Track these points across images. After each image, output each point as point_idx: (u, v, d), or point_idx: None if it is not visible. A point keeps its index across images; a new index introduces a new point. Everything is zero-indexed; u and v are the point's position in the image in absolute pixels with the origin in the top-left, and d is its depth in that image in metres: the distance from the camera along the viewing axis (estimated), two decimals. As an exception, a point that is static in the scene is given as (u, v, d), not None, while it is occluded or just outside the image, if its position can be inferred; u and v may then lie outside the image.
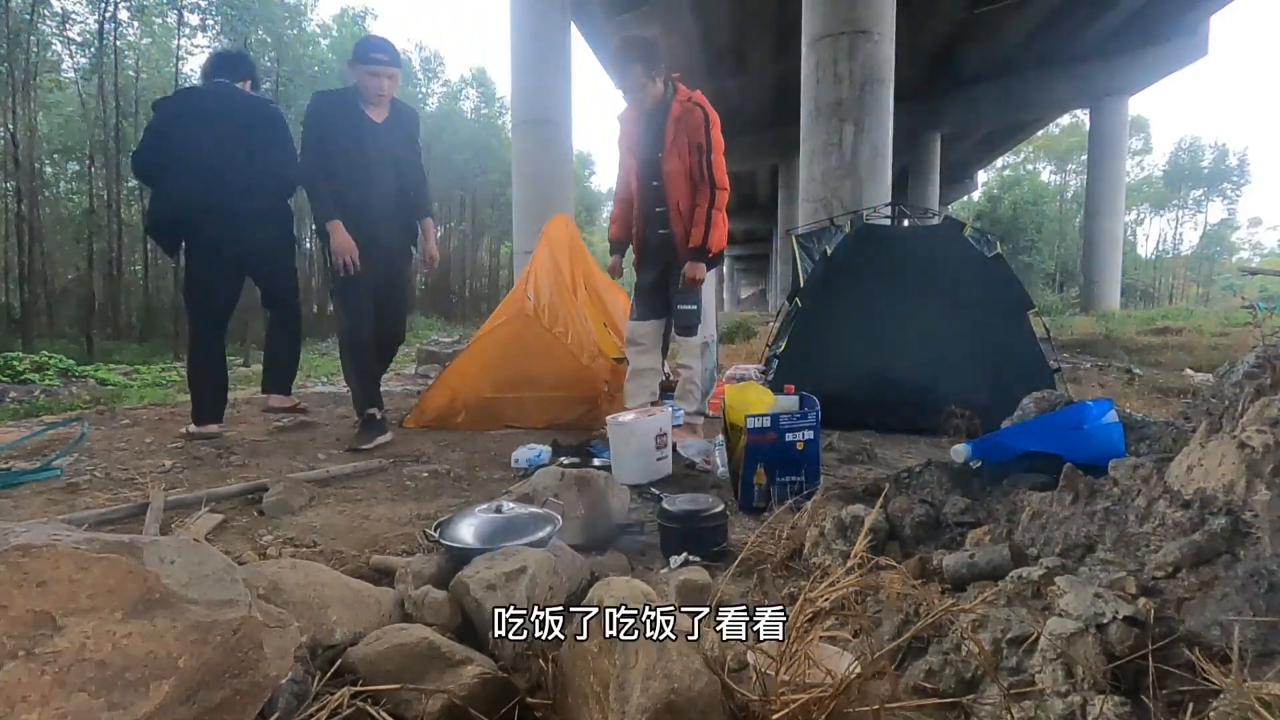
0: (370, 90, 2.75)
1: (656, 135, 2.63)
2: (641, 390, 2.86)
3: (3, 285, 12.11)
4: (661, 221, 2.71)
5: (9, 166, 10.71)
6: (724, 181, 2.63)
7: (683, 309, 2.71)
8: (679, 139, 2.59)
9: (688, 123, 2.58)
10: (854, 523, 1.34)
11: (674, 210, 2.66)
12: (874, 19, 5.89)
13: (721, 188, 2.61)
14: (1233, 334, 8.45)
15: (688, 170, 2.60)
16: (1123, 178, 16.40)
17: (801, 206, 6.32)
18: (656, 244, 2.76)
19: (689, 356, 2.79)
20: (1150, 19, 13.67)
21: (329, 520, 1.78)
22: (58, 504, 1.91)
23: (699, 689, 0.75)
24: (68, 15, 12.01)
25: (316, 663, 0.91)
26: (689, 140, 2.58)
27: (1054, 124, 29.55)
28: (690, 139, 2.58)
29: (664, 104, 2.62)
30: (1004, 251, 3.39)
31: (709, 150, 2.59)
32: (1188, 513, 0.95)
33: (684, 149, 2.59)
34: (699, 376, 2.82)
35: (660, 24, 13.58)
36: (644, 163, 2.69)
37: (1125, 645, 0.77)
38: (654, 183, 2.67)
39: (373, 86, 2.74)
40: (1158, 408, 3.28)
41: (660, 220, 2.71)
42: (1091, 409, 1.45)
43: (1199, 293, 37.01)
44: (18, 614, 0.56)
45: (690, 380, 2.81)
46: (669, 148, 2.60)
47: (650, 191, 2.70)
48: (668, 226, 2.70)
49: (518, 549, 1.18)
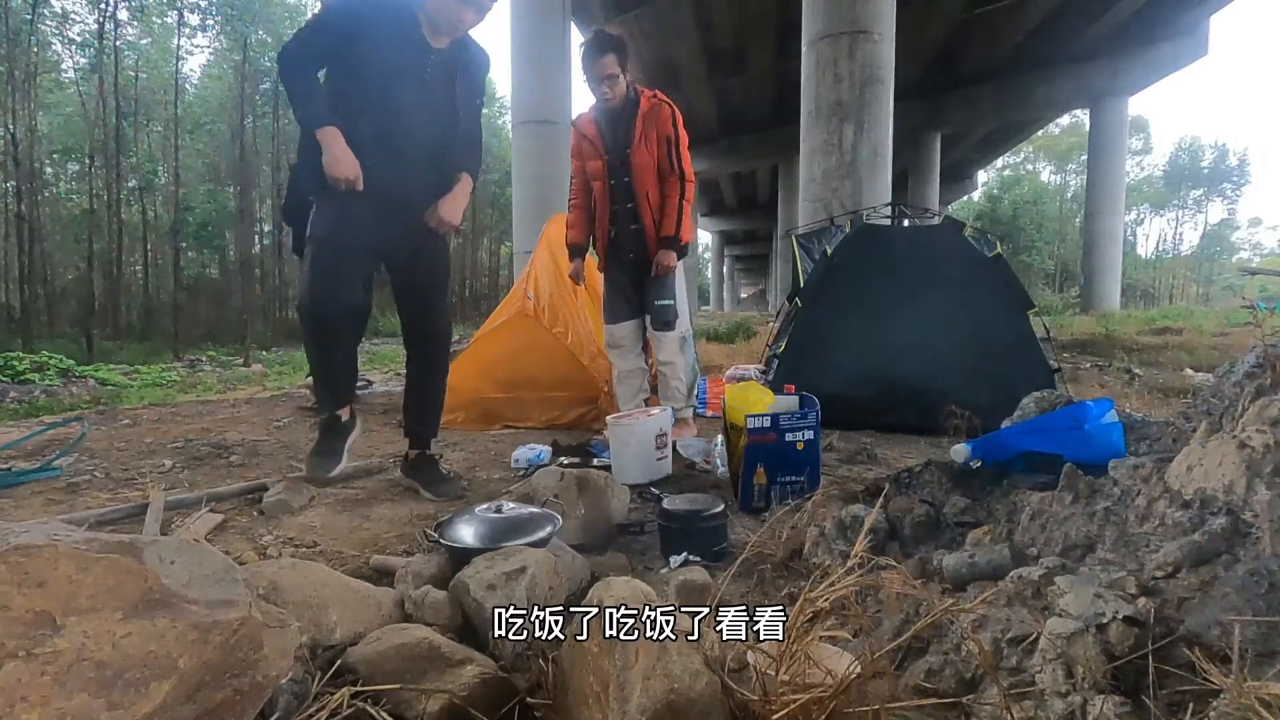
0: (447, 15, 1.92)
1: (625, 131, 2.66)
2: (632, 392, 2.87)
3: (3, 285, 12.11)
4: (633, 216, 2.72)
5: (9, 166, 10.70)
6: (692, 174, 2.75)
7: (660, 304, 2.74)
8: (648, 133, 2.64)
9: (657, 116, 2.65)
10: (854, 523, 1.34)
11: (644, 203, 2.69)
12: (874, 19, 5.89)
13: (690, 180, 2.73)
14: (1233, 334, 8.44)
15: (656, 164, 2.67)
16: (1123, 178, 16.39)
17: (801, 206, 6.32)
18: (628, 240, 2.76)
19: (670, 352, 2.80)
20: (1150, 19, 13.67)
21: (329, 520, 1.78)
22: (58, 504, 1.91)
23: (699, 689, 0.75)
24: (67, 15, 12.01)
25: (316, 663, 0.91)
26: (658, 134, 2.65)
27: (1054, 124, 29.56)
28: (660, 132, 2.65)
29: (630, 101, 2.66)
30: (1004, 251, 3.39)
31: (677, 143, 2.68)
32: (1188, 513, 0.95)
33: (653, 143, 2.65)
34: (683, 372, 2.82)
35: (660, 24, 13.60)
36: (612, 159, 2.70)
37: (1125, 645, 0.77)
38: (625, 178, 2.69)
39: (453, 11, 1.91)
40: (1158, 408, 3.28)
41: (631, 215, 2.72)
42: (1091, 409, 1.45)
43: (1199, 293, 37.03)
44: (18, 614, 0.56)
45: (675, 376, 2.81)
46: (637, 142, 2.63)
47: (620, 188, 2.72)
48: (639, 220, 2.71)
49: (518, 549, 1.18)
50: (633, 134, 2.64)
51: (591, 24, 13.43)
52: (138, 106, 13.45)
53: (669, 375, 2.83)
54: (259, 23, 14.96)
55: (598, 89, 2.64)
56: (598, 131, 2.71)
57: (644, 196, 2.69)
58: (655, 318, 2.76)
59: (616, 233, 2.78)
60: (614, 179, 2.72)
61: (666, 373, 2.83)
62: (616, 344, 2.88)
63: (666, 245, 2.70)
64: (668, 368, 2.81)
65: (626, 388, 2.88)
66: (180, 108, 14.53)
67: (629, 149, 2.65)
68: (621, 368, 2.89)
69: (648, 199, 2.69)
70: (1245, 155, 40.88)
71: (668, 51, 15.11)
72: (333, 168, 1.80)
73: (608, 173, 2.72)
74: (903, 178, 19.64)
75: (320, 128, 1.80)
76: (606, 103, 2.66)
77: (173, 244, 14.28)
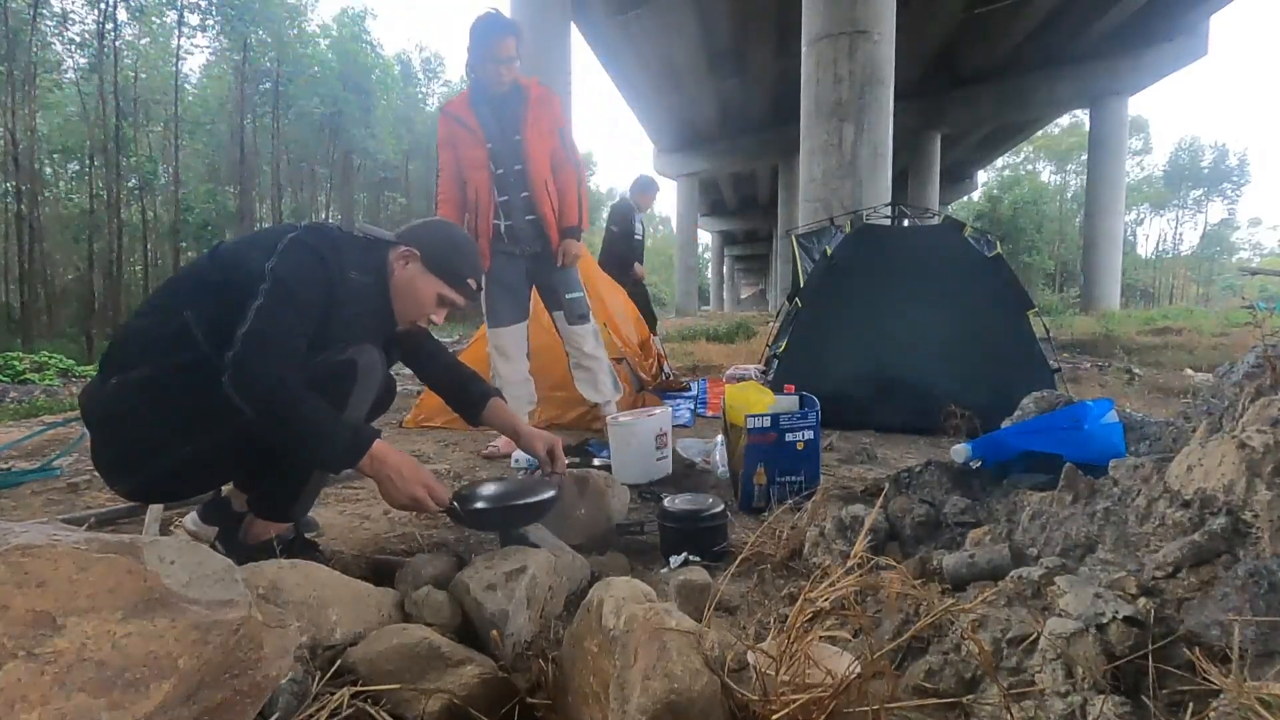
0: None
1: (513, 118, 2.53)
2: (521, 405, 2.71)
3: (3, 285, 12.10)
4: (528, 207, 2.58)
5: (9, 166, 10.70)
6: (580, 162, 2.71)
7: (571, 298, 2.68)
8: (540, 120, 2.54)
9: (548, 104, 2.56)
10: (854, 523, 1.34)
11: (542, 192, 2.56)
12: (874, 19, 5.89)
13: (583, 167, 2.70)
14: (1233, 334, 8.44)
15: (549, 151, 2.58)
16: (1123, 178, 16.41)
17: (801, 206, 6.32)
18: (526, 232, 2.61)
19: (591, 345, 2.74)
20: (1150, 19, 13.68)
21: (329, 520, 1.78)
22: (58, 504, 1.91)
23: (699, 689, 0.75)
24: (67, 15, 12.01)
25: (316, 663, 0.90)
26: (550, 121, 2.57)
27: (1054, 124, 29.55)
28: (551, 120, 2.57)
29: (518, 87, 2.54)
30: (1004, 251, 3.39)
31: (569, 130, 2.66)
32: (1188, 513, 0.95)
33: (545, 129, 2.55)
34: (606, 364, 2.80)
35: (660, 24, 13.60)
36: (497, 147, 2.54)
37: (1125, 645, 0.77)
38: (516, 166, 2.54)
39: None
40: (1158, 408, 3.28)
41: (526, 205, 2.58)
42: (1091, 409, 1.45)
43: (1199, 293, 37.05)
44: (18, 614, 0.56)
45: (601, 370, 2.78)
46: (529, 129, 2.52)
47: (511, 176, 2.56)
48: (535, 211, 2.58)
49: (518, 549, 1.19)
50: (522, 120, 2.51)
51: (592, 24, 13.44)
52: (137, 106, 13.46)
53: (595, 369, 2.76)
54: (259, 23, 14.96)
55: (494, 71, 2.45)
56: (477, 119, 2.52)
57: (541, 185, 2.55)
58: (569, 312, 2.69)
59: (509, 225, 2.60)
60: (500, 168, 2.55)
61: (592, 366, 2.76)
62: (504, 351, 2.69)
63: (571, 235, 2.61)
64: (592, 361, 2.75)
65: (515, 400, 2.65)
66: (180, 108, 14.54)
67: (519, 136, 2.52)
68: (510, 377, 2.69)
69: (546, 188, 2.57)
70: (1245, 155, 41.01)
71: (668, 51, 15.12)
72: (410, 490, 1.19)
73: (492, 162, 2.54)
74: (903, 178, 19.65)
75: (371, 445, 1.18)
76: (495, 87, 2.49)
77: (173, 244, 14.30)
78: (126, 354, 1.23)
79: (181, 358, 1.19)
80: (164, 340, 1.20)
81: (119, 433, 1.23)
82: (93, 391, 1.25)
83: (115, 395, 1.21)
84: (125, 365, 1.22)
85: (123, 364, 1.23)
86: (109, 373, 1.23)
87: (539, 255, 2.65)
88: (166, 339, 1.20)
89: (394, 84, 21.41)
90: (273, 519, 1.33)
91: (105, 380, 1.23)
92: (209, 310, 1.19)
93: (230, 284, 1.19)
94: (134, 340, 1.25)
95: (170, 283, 1.33)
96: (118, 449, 1.24)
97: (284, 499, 1.32)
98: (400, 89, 22.20)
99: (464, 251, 1.47)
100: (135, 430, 1.22)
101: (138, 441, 1.22)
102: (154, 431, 1.21)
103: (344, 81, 18.01)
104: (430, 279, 1.40)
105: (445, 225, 1.52)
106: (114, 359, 1.25)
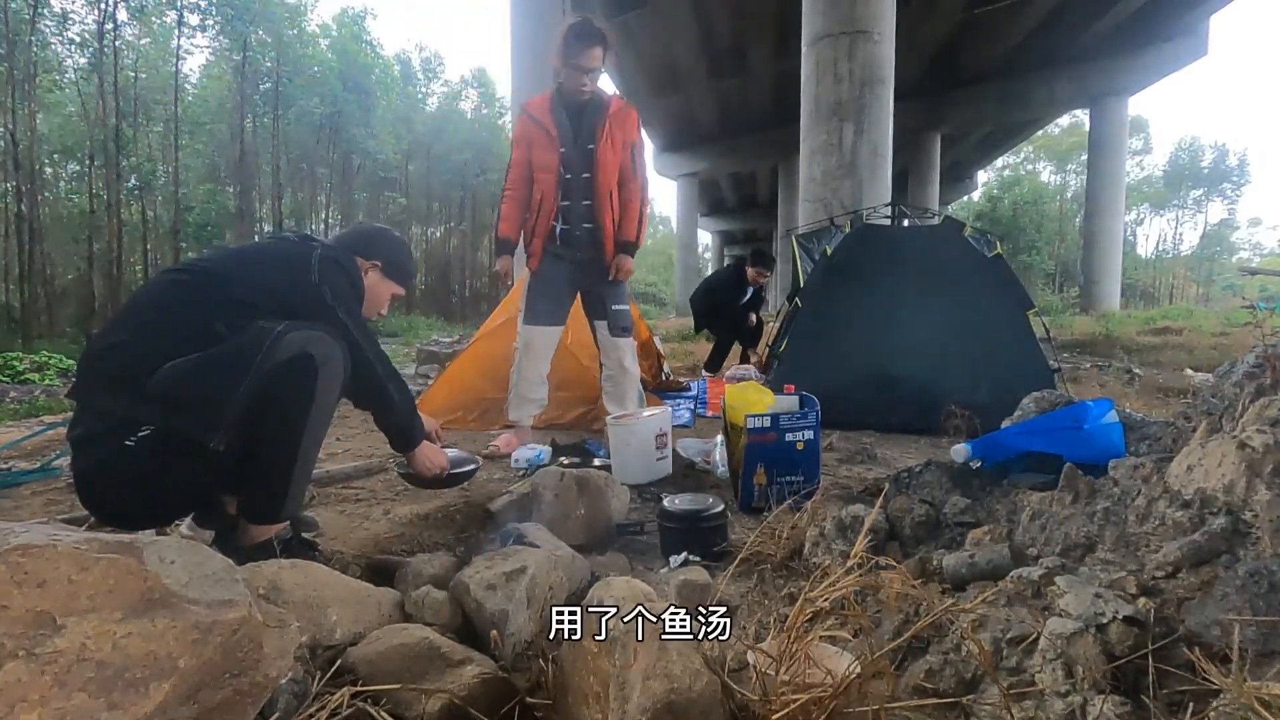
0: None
1: (589, 128, 2.58)
2: (531, 401, 2.73)
3: (3, 285, 12.10)
4: (588, 215, 2.62)
5: (9, 166, 10.69)
6: (648, 180, 2.77)
7: (618, 309, 2.71)
8: (614, 133, 2.59)
9: (625, 119, 2.62)
10: (854, 523, 1.34)
11: (605, 202, 2.60)
12: (874, 19, 5.89)
13: (647, 185, 2.74)
14: (1233, 334, 8.44)
15: (619, 165, 2.63)
16: (1123, 178, 16.41)
17: (801, 206, 6.33)
18: (581, 239, 2.65)
19: (630, 360, 2.77)
20: (1150, 19, 13.68)
21: (329, 520, 1.77)
22: (58, 504, 1.91)
23: (699, 689, 0.74)
24: (67, 16, 12.00)
25: (316, 663, 0.90)
26: (624, 137, 2.62)
27: (1054, 124, 29.55)
28: (625, 136, 2.63)
29: (599, 99, 2.60)
30: (1004, 251, 3.39)
31: (640, 149, 2.70)
32: (1188, 513, 0.95)
33: (618, 144, 2.61)
34: (636, 380, 2.81)
35: (660, 24, 13.59)
36: (570, 154, 2.59)
37: (1125, 645, 0.77)
38: (584, 174, 2.60)
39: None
40: (1158, 408, 3.28)
41: (587, 214, 2.62)
42: (1091, 409, 1.45)
43: (1199, 293, 37.05)
44: (18, 614, 0.56)
45: (632, 384, 2.79)
46: (603, 140, 2.56)
47: (578, 183, 2.61)
48: (595, 220, 2.62)
49: (519, 549, 1.19)
50: (598, 131, 2.56)
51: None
52: (137, 106, 13.44)
53: (626, 386, 2.78)
54: (259, 23, 14.95)
55: (578, 79, 2.50)
56: (556, 122, 2.58)
57: (605, 196, 2.60)
58: (613, 323, 2.71)
59: (565, 229, 2.64)
60: (569, 173, 2.60)
61: (624, 382, 2.77)
62: (532, 348, 2.68)
63: (626, 250, 2.65)
64: (626, 377, 2.77)
65: (526, 397, 2.71)
66: (180, 108, 14.52)
67: (593, 145, 2.56)
68: (529, 375, 2.69)
69: (610, 199, 2.61)
70: (1245, 155, 41.05)
71: (668, 51, 15.11)
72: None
73: (562, 166, 2.59)
74: (903, 178, 19.63)
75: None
76: (576, 95, 2.55)
77: (173, 244, 14.29)
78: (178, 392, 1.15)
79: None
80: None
81: (142, 493, 1.22)
82: (114, 448, 1.16)
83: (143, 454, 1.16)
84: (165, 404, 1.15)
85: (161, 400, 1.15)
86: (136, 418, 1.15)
87: (588, 263, 2.69)
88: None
89: (394, 84, 21.40)
90: (265, 521, 1.33)
91: (130, 429, 1.15)
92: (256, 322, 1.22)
93: (263, 306, 1.27)
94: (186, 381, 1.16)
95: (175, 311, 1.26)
96: (134, 500, 1.23)
97: (274, 499, 1.31)
98: (400, 89, 22.19)
99: (411, 256, 1.75)
100: (158, 489, 1.23)
101: (160, 495, 1.25)
102: (175, 489, 1.26)
103: (344, 81, 17.99)
104: (388, 284, 1.65)
105: (390, 234, 1.71)
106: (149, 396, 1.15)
